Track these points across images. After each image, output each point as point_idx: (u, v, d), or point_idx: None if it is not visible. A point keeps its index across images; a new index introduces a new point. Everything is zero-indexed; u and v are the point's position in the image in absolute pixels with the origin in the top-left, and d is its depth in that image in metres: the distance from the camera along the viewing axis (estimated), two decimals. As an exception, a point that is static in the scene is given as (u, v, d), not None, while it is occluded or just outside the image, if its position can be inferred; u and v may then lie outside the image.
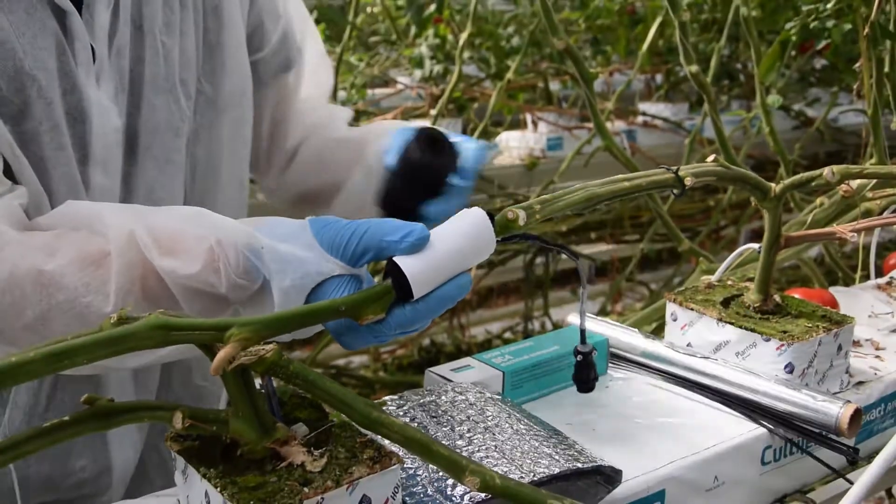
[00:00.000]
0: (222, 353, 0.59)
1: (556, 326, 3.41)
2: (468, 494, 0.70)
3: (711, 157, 0.93)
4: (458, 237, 0.71)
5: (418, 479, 0.72)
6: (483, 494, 0.69)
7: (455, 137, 1.01)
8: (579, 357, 0.91)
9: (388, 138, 1.03)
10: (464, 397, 0.85)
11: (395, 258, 0.68)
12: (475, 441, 0.77)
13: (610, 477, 0.78)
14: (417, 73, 3.32)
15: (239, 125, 1.08)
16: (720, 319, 1.00)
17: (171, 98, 0.97)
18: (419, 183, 0.99)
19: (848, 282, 1.73)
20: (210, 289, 0.73)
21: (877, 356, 1.07)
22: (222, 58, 1.03)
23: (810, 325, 0.98)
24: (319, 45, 1.19)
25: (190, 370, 1.11)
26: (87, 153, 0.91)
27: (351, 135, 1.12)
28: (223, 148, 1.06)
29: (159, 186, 0.98)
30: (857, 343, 1.10)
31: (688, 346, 1.04)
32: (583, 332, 0.91)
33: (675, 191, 0.87)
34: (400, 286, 0.68)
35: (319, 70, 1.19)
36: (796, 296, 1.07)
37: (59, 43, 0.88)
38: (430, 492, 0.71)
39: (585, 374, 0.92)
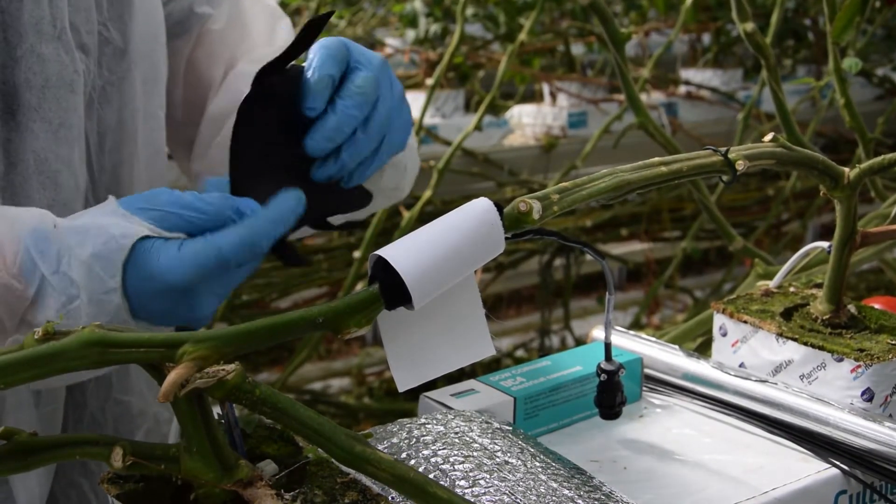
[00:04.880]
0: (173, 376, 0.59)
1: (579, 342, 3.42)
2: (472, 548, 0.70)
3: (770, 136, 0.93)
4: (459, 233, 0.71)
5: (411, 528, 0.73)
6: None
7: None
8: (603, 376, 0.92)
9: None
10: (467, 428, 0.85)
11: (386, 256, 0.69)
12: (480, 481, 0.78)
13: (646, 526, 0.78)
14: (410, 34, 3.33)
15: (153, 80, 1.07)
16: (780, 334, 1.01)
17: (60, 47, 0.96)
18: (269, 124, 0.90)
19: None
20: None
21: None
22: None
23: (894, 342, 0.98)
24: None
25: (110, 382, 1.10)
26: None
27: None
28: (137, 109, 1.05)
29: (53, 156, 0.97)
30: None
31: (740, 366, 1.04)
32: (608, 346, 0.91)
33: (724, 177, 0.87)
34: (391, 292, 0.68)
35: (256, 18, 1.16)
36: (876, 306, 1.07)
37: None
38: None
39: (610, 398, 0.92)
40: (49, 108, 0.96)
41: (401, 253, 0.69)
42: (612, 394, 0.92)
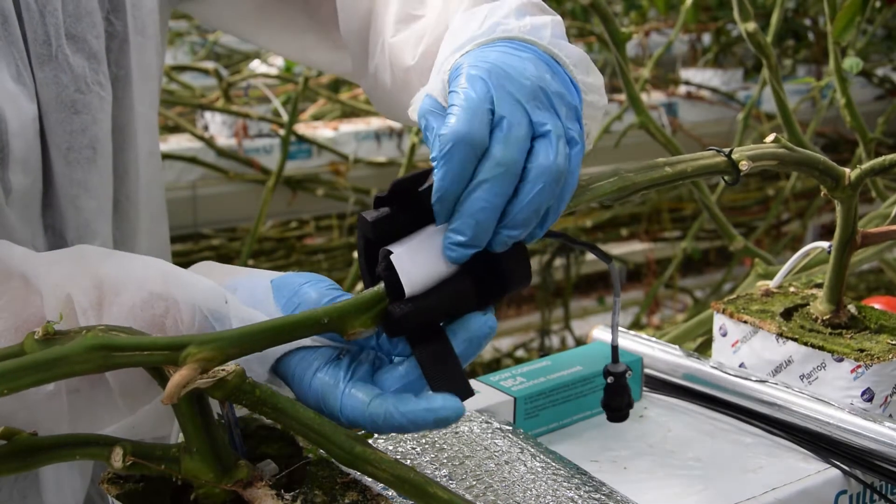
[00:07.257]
0: (177, 377, 0.59)
1: (579, 342, 3.42)
2: (473, 548, 0.70)
3: (771, 137, 0.93)
4: None
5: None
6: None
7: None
8: (610, 379, 0.91)
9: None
10: (466, 428, 0.85)
11: (391, 252, 0.68)
12: (480, 481, 0.78)
13: (646, 527, 0.78)
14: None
15: (143, 78, 1.03)
16: (781, 334, 1.01)
17: (58, 68, 0.94)
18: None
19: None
20: None
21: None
22: None
23: (894, 342, 0.98)
24: None
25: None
26: (4, 153, 0.88)
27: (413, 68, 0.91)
28: (136, 109, 1.03)
29: (67, 181, 0.96)
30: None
31: (740, 366, 1.04)
32: (615, 348, 0.90)
33: (726, 178, 0.87)
34: (395, 291, 0.68)
35: None
36: (877, 306, 1.07)
37: None
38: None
39: (618, 400, 0.91)
40: (54, 133, 0.94)
41: (408, 256, 0.68)
42: (619, 396, 0.91)
